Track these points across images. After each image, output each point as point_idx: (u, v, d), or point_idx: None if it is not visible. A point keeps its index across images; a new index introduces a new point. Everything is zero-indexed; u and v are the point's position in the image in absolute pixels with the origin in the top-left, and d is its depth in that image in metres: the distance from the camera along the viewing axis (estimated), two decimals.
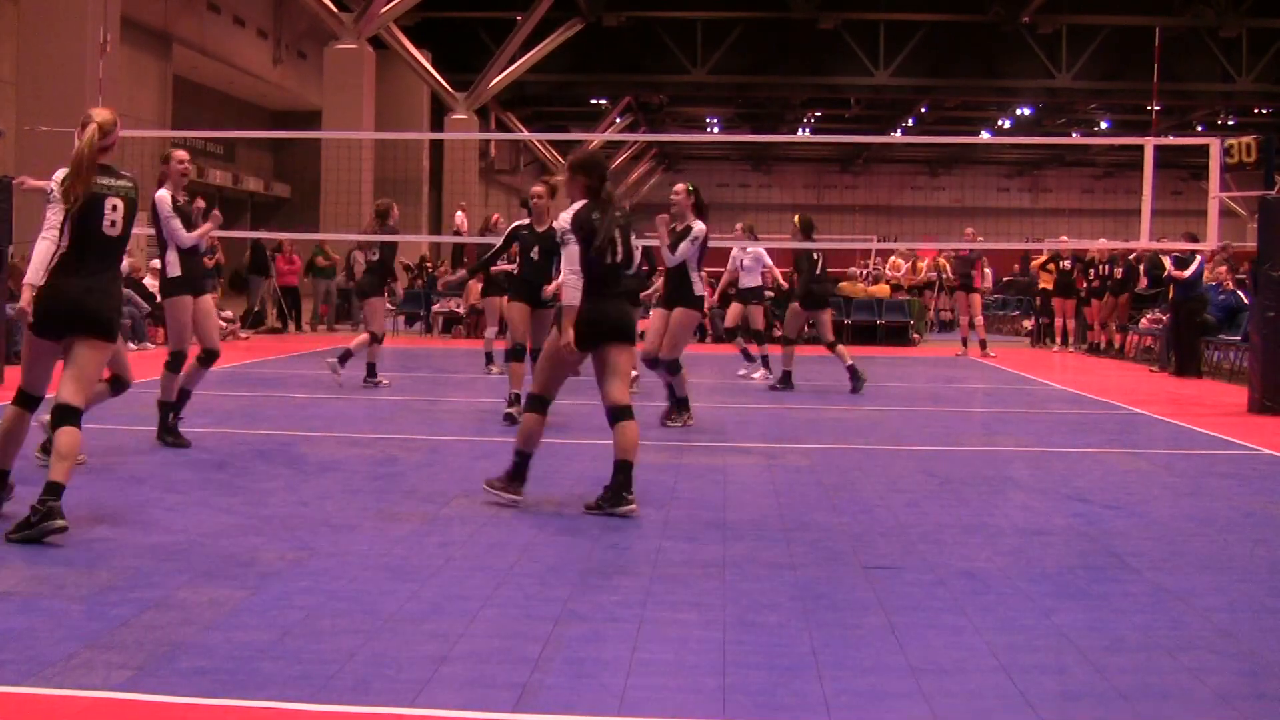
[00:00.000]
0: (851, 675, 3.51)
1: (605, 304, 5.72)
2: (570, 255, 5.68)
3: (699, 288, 8.78)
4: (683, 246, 8.57)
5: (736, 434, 8.79)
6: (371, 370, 11.25)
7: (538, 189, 9.00)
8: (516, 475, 5.82)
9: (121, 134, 5.73)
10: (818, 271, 11.82)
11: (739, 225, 13.64)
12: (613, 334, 5.76)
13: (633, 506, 5.64)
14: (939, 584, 4.54)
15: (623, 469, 5.69)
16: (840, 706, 3.27)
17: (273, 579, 4.39)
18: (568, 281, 5.68)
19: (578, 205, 5.79)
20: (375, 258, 11.22)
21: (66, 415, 4.95)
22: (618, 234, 5.77)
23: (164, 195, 7.27)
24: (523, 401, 7.02)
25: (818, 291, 11.82)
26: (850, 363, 11.72)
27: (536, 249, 8.70)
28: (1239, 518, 5.93)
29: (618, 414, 5.77)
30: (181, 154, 7.44)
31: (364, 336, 11.11)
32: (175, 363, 7.37)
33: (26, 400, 5.16)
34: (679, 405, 8.89)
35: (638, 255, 6.07)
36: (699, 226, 8.62)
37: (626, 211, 6.24)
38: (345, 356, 10.89)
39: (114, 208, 5.15)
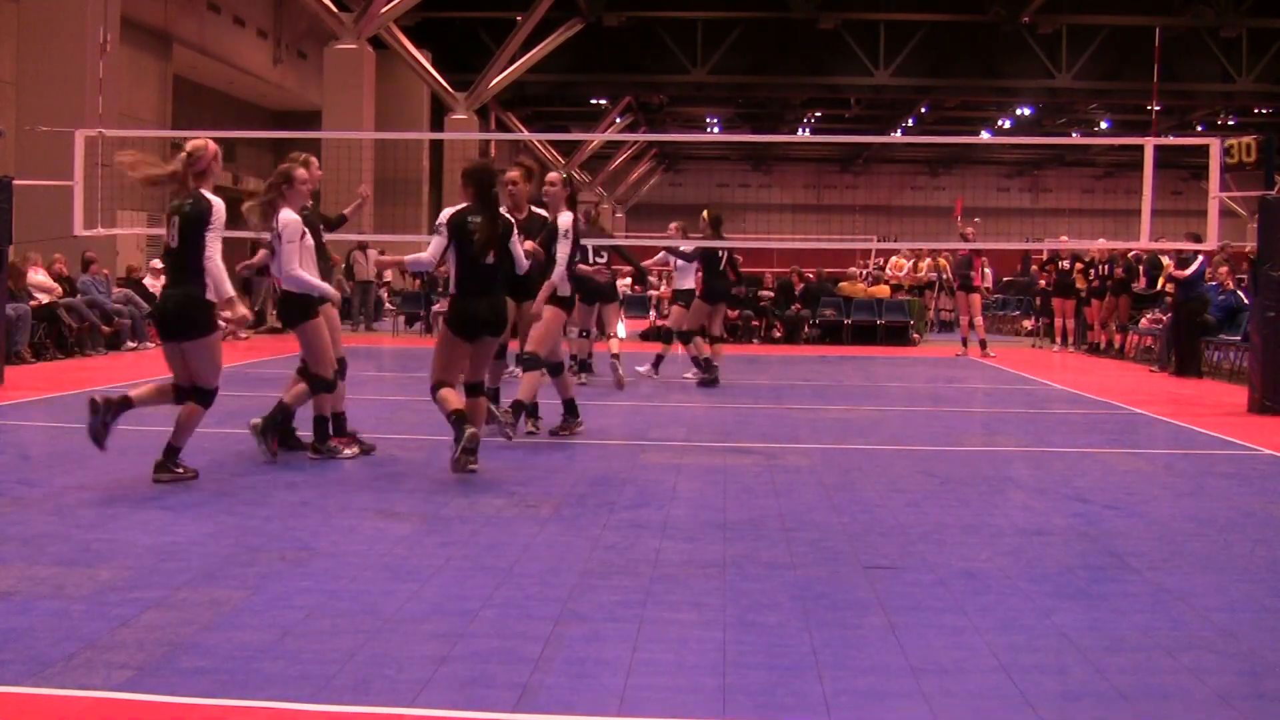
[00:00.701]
0: (852, 675, 3.51)
1: (475, 301, 6.63)
2: (436, 245, 6.66)
3: (566, 286, 8.07)
4: (560, 253, 7.83)
5: (737, 434, 8.78)
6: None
7: (513, 174, 8.24)
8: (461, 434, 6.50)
9: (120, 134, 5.98)
10: (721, 267, 12.06)
11: (672, 225, 13.53)
12: (484, 328, 6.70)
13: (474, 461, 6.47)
14: (939, 584, 4.54)
15: (459, 421, 6.48)
16: (840, 706, 3.27)
17: (273, 579, 4.39)
18: (419, 256, 6.71)
19: (459, 207, 6.72)
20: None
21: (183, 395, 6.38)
22: (494, 240, 6.60)
23: (292, 219, 6.86)
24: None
25: (719, 287, 12.07)
26: (708, 357, 12.05)
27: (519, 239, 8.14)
28: (1239, 518, 5.93)
29: (471, 389, 6.81)
30: (314, 162, 7.34)
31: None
32: (321, 384, 7.01)
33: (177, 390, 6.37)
34: (516, 410, 7.87)
35: (523, 258, 7.05)
36: (565, 220, 7.93)
37: (507, 219, 6.90)
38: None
39: (173, 224, 6.20)
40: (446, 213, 6.74)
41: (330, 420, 7.18)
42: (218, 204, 6.20)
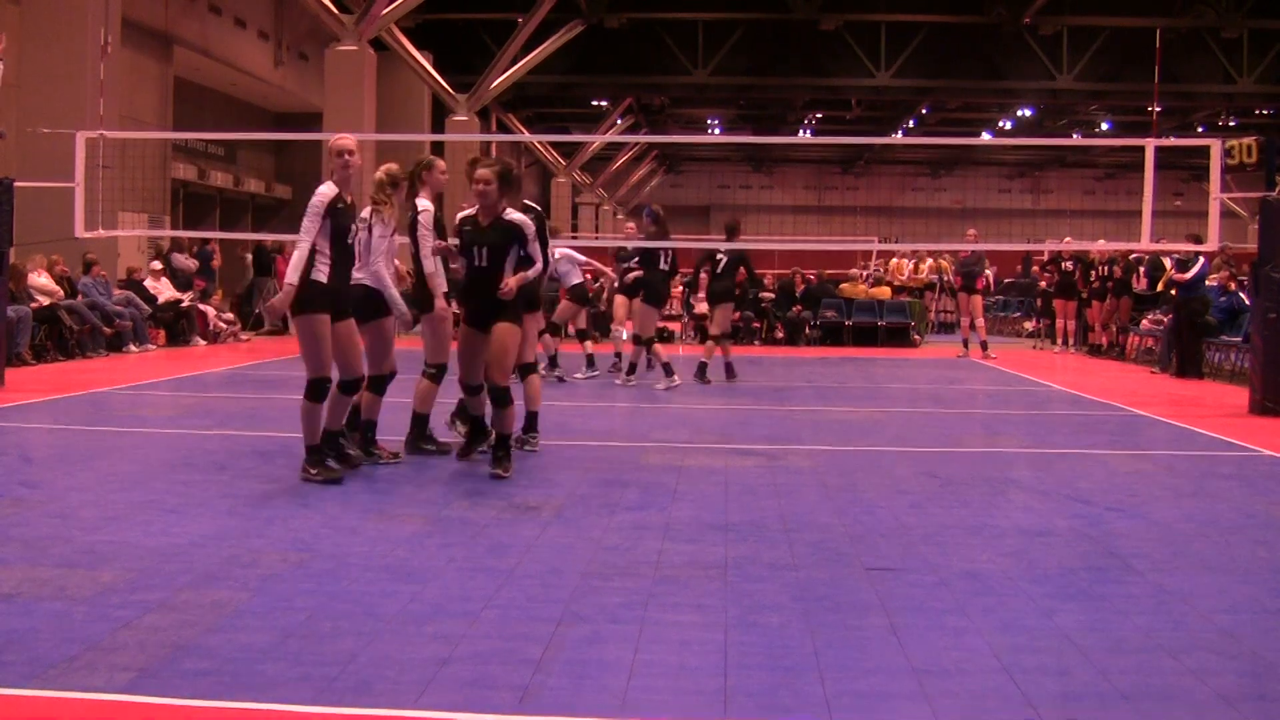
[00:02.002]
0: (853, 676, 3.51)
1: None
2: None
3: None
4: (425, 253, 7.18)
5: (738, 435, 8.78)
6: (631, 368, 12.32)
7: (484, 172, 6.85)
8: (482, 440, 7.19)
9: (121, 135, 5.96)
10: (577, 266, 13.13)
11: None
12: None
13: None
14: (941, 585, 4.54)
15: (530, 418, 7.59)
16: (842, 707, 3.27)
17: (274, 581, 4.39)
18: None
19: (467, 211, 6.97)
20: (636, 264, 12.19)
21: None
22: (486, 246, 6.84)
23: (426, 207, 7.20)
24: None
25: (576, 289, 12.95)
26: (553, 355, 12.60)
27: (485, 249, 6.84)
28: (1240, 519, 5.93)
29: (523, 370, 7.58)
30: (441, 164, 7.38)
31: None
32: (442, 377, 7.50)
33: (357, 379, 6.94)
34: (470, 429, 7.48)
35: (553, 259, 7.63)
36: (421, 207, 7.18)
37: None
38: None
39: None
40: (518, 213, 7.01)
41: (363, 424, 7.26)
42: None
